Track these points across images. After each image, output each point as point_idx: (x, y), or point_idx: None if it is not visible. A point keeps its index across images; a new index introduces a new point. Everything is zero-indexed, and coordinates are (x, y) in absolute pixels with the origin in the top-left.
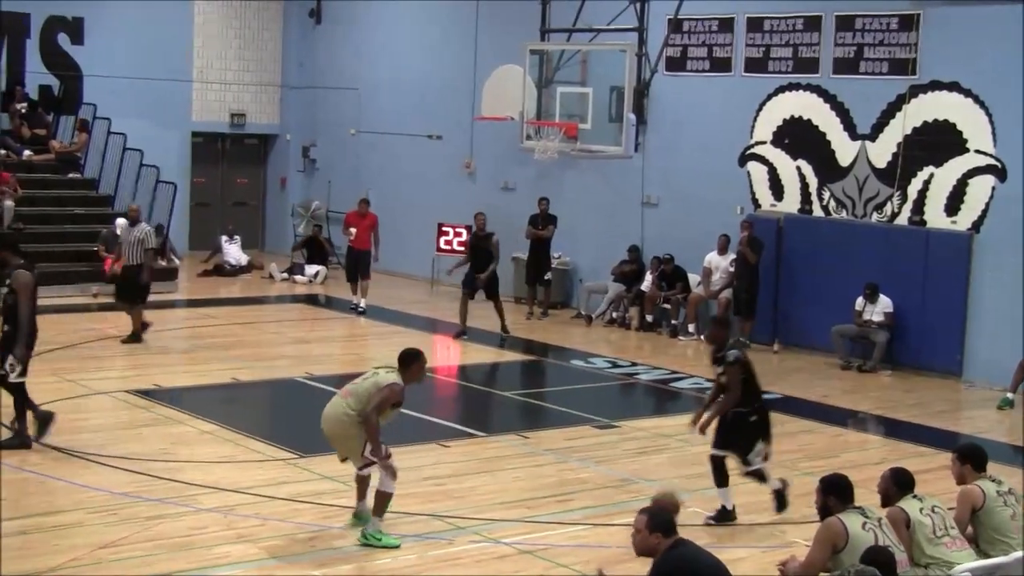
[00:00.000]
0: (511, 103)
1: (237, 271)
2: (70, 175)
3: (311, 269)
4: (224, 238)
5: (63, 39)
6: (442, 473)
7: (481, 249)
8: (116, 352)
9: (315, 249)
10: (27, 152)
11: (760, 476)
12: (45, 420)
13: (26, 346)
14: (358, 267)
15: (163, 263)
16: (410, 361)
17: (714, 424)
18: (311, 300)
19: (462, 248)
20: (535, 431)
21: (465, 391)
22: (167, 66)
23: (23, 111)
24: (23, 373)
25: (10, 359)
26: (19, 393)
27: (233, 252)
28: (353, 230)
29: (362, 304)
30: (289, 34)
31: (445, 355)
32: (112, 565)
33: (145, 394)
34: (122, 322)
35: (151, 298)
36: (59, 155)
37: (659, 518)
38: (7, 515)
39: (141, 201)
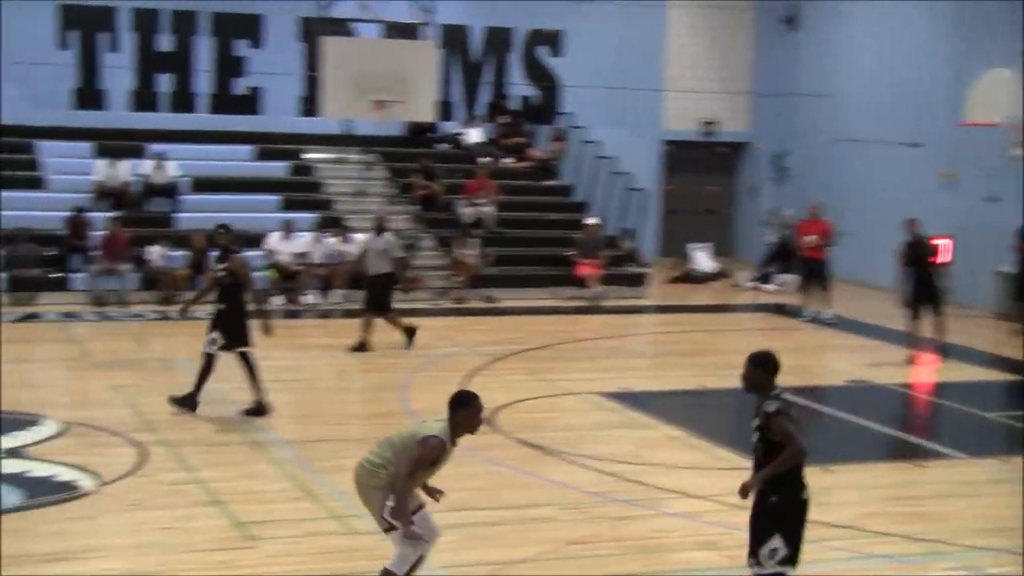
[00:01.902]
0: (1000, 107)
1: (705, 278)
2: (546, 182)
3: (781, 278)
4: (693, 245)
5: (543, 52)
6: (918, 494)
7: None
8: (587, 354)
9: (785, 258)
10: (507, 160)
11: None
12: (190, 404)
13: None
14: (814, 276)
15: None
16: (457, 407)
17: None
18: (778, 309)
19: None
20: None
21: (944, 410)
22: (640, 75)
23: (505, 122)
24: (223, 348)
25: (214, 334)
26: (206, 364)
27: (702, 259)
28: (809, 239)
29: (826, 314)
30: (761, 40)
31: (922, 372)
32: (580, 562)
33: (614, 396)
34: (595, 325)
35: (503, 304)
36: (537, 163)
37: None
38: (483, 505)
39: (612, 208)
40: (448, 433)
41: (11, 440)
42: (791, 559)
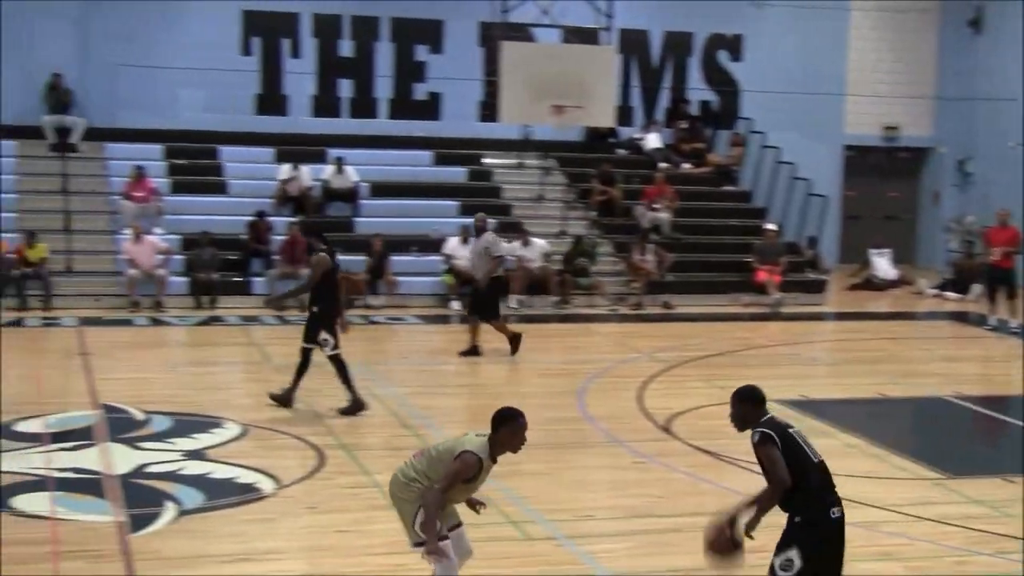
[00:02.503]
0: None
1: (886, 285)
2: (725, 187)
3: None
4: (874, 251)
5: (723, 56)
6: None
7: None
8: (765, 361)
9: (969, 268)
10: (686, 165)
11: None
12: (357, 407)
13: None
14: (1001, 284)
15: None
16: (499, 424)
17: None
18: (961, 317)
19: None
20: None
21: None
22: (821, 79)
23: (684, 126)
24: (335, 347)
25: (322, 334)
26: (337, 365)
27: (882, 266)
28: (997, 250)
29: (1013, 323)
30: (946, 44)
31: None
32: (759, 570)
33: (793, 404)
34: (773, 332)
35: (779, 309)
36: (716, 168)
37: None
38: (661, 512)
39: (792, 214)
40: (487, 450)
41: (193, 442)
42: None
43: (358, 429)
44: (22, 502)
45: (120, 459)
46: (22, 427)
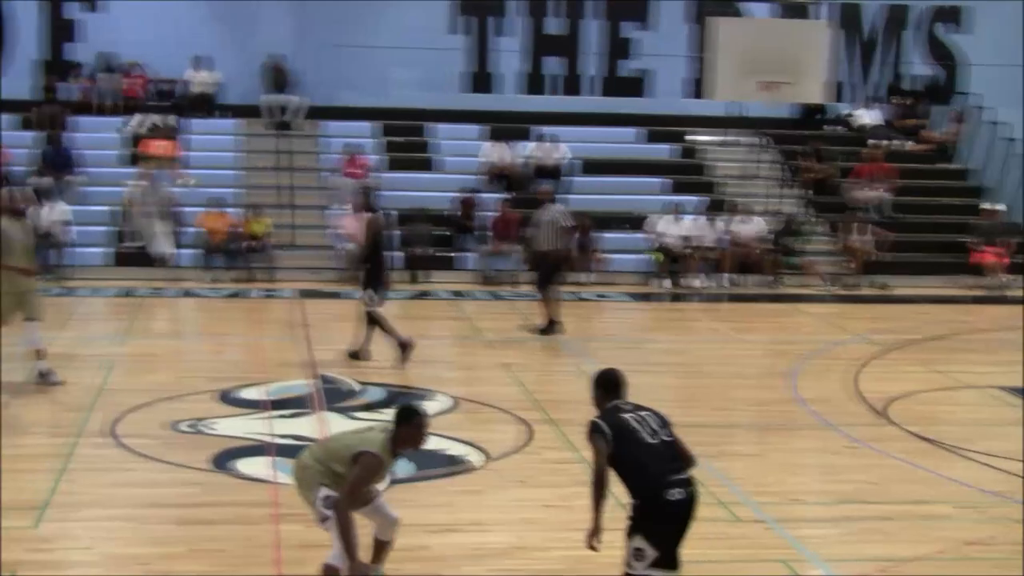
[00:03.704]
0: None
1: None
2: (942, 165)
3: None
4: None
5: (944, 29)
6: None
7: None
8: (986, 346)
9: None
10: (902, 142)
11: None
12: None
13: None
14: None
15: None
16: (400, 421)
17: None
18: None
19: None
20: None
21: None
22: None
23: (902, 102)
24: (380, 304)
25: (369, 292)
26: (377, 320)
27: None
28: None
29: None
30: None
31: None
32: (976, 564)
33: (1015, 391)
34: (995, 316)
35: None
36: (934, 145)
37: None
38: (875, 499)
39: (1013, 192)
40: (388, 447)
41: None
42: (664, 562)
43: (566, 405)
44: (245, 465)
45: (335, 428)
46: (245, 394)
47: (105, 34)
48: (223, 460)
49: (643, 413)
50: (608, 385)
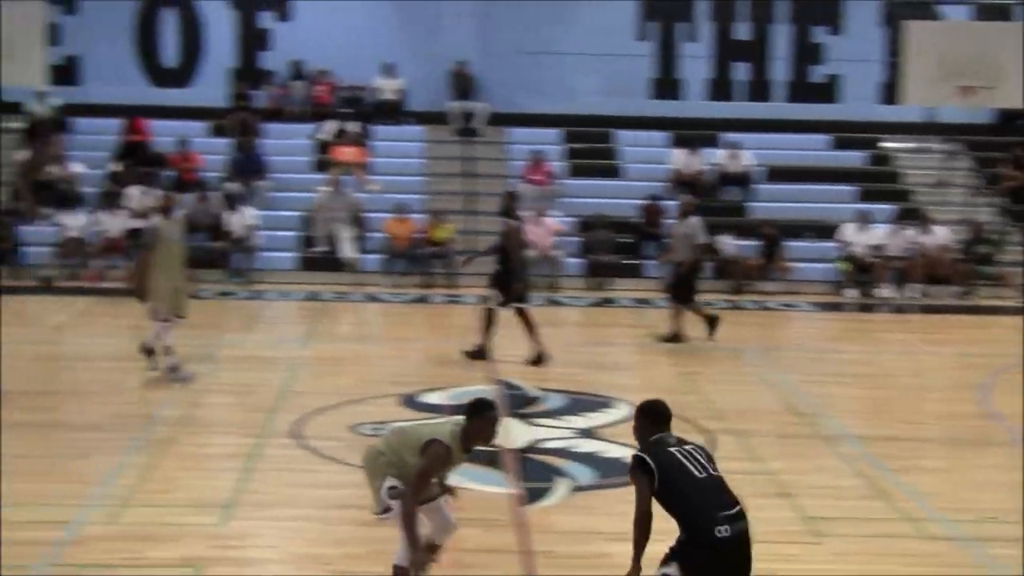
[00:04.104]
0: None
1: None
2: None
3: None
4: None
5: None
6: None
7: None
8: None
9: None
10: None
11: None
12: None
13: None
14: None
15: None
16: (473, 413)
17: None
18: None
19: None
20: None
21: None
22: None
23: None
24: (502, 304)
25: (495, 292)
26: (491, 318)
27: None
28: None
29: None
30: None
31: None
32: None
33: None
34: None
35: None
36: None
37: None
38: None
39: None
40: (458, 440)
41: (585, 420)
42: None
43: (748, 415)
44: None
45: (516, 433)
46: (426, 398)
47: (295, 42)
48: None
49: (688, 447)
50: (655, 416)
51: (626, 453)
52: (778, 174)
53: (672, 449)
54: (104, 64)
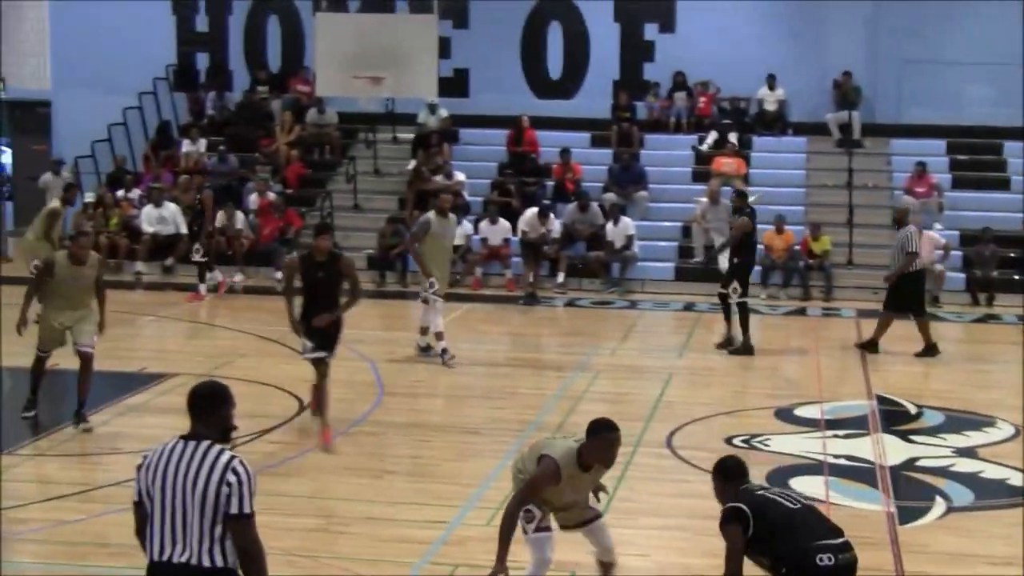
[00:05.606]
0: None
1: None
2: None
3: None
4: None
5: None
6: None
7: None
8: None
9: None
10: None
11: None
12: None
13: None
14: None
15: None
16: (590, 433)
17: None
18: None
19: None
20: None
21: None
22: None
23: None
24: (742, 295)
25: (734, 286)
26: (742, 311)
27: None
28: None
29: None
30: None
31: None
32: None
33: None
34: None
35: None
36: None
37: None
38: None
39: None
40: (572, 457)
41: (965, 439)
42: None
43: None
44: (800, 483)
45: (892, 450)
46: (801, 412)
47: (677, 53)
48: (777, 477)
49: (776, 490)
50: (730, 474)
51: (1008, 475)
52: None
53: (759, 492)
54: (491, 76)
